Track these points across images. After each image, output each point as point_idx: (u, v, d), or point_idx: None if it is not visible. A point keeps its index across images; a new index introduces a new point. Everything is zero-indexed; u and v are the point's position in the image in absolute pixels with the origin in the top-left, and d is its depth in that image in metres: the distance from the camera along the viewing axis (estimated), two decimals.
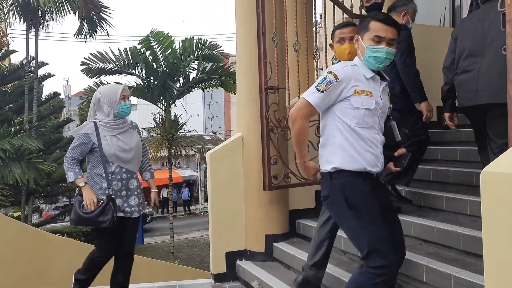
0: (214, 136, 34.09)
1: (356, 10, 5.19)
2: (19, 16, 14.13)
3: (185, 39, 14.56)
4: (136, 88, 14.74)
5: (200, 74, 14.77)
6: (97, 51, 14.02)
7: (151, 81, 14.46)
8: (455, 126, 3.90)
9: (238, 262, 4.83)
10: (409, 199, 4.27)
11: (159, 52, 14.31)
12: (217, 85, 15.43)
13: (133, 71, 14.37)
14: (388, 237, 2.61)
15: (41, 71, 15.73)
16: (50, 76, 16.48)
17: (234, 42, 5.06)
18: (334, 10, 5.02)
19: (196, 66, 14.77)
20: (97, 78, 14.42)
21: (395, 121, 2.95)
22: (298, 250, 4.46)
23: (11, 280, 6.75)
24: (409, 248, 3.64)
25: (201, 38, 14.43)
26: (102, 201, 3.76)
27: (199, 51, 14.36)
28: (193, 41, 14.36)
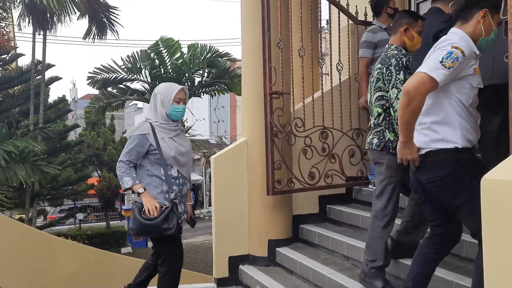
0: (220, 141, 34.11)
1: (361, 17, 5.22)
2: (28, 19, 14.21)
3: (191, 44, 14.63)
4: (141, 92, 14.82)
5: (205, 78, 14.82)
6: (101, 65, 14.13)
7: (156, 85, 14.51)
8: None
9: (241, 267, 4.83)
10: None
11: (167, 57, 14.38)
12: (222, 91, 15.45)
13: (139, 77, 14.43)
14: None
15: (48, 73, 15.79)
16: (57, 79, 16.49)
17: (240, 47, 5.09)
18: (339, 17, 5.05)
19: (201, 72, 14.81)
20: (102, 90, 14.54)
21: None
22: (301, 255, 4.46)
23: (15, 282, 6.78)
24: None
25: (205, 45, 14.53)
26: (165, 206, 3.53)
27: (205, 56, 14.41)
28: (198, 48, 14.44)
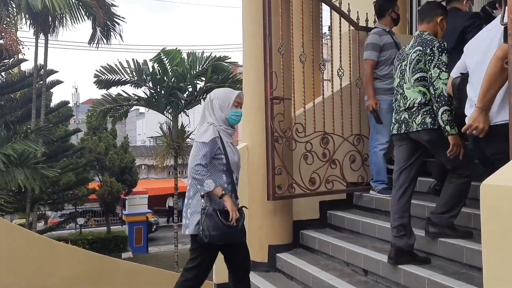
0: None
1: (362, 23, 5.23)
2: (30, 22, 14.24)
3: (190, 52, 14.74)
4: (143, 97, 14.86)
5: (207, 83, 14.85)
6: (107, 64, 14.18)
7: (158, 90, 14.56)
8: None
9: None
10: None
11: (168, 65, 14.45)
12: None
13: (141, 82, 14.48)
14: None
15: (51, 78, 15.82)
16: (58, 83, 16.50)
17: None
18: (340, 22, 5.06)
19: (204, 77, 14.86)
20: (106, 89, 14.59)
21: None
22: (301, 261, 4.45)
23: (15, 286, 6.77)
24: None
25: (204, 53, 14.63)
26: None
27: (206, 62, 14.49)
28: (198, 55, 14.57)
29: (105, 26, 15.38)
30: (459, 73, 3.58)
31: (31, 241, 7.35)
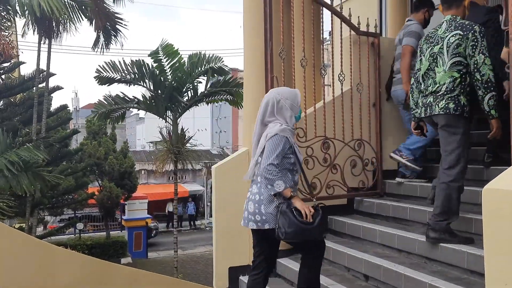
0: (222, 151, 34.12)
1: (363, 28, 5.23)
2: (33, 28, 14.25)
3: (192, 54, 14.67)
4: (143, 101, 14.83)
5: (208, 87, 14.83)
6: (111, 60, 14.17)
7: (159, 93, 14.52)
8: None
9: (241, 278, 4.81)
10: None
11: (167, 65, 14.39)
12: (224, 100, 15.46)
13: (141, 83, 14.46)
14: None
15: (49, 81, 15.82)
16: (59, 88, 16.53)
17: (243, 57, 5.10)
18: (341, 27, 5.07)
19: (204, 80, 14.82)
20: (108, 85, 14.57)
21: None
22: None
23: None
24: (413, 266, 3.63)
25: (205, 54, 14.56)
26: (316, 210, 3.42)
27: (206, 65, 14.43)
28: (200, 56, 14.47)
29: (107, 31, 15.40)
30: None
31: (31, 246, 7.30)
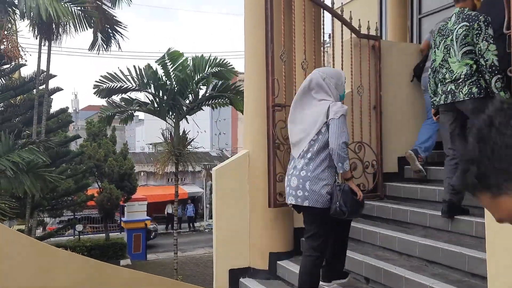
0: (221, 153, 34.11)
1: (364, 30, 5.24)
2: (33, 30, 14.26)
3: (195, 56, 14.67)
4: (145, 103, 14.84)
5: (210, 91, 14.84)
6: (107, 72, 14.16)
7: (160, 96, 14.54)
8: None
9: (241, 280, 4.80)
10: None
11: (171, 70, 14.42)
12: (226, 104, 15.48)
13: (143, 88, 14.47)
14: None
15: (50, 83, 15.83)
16: (59, 90, 16.54)
17: (243, 60, 5.10)
18: (342, 30, 5.07)
19: (206, 84, 14.83)
20: (108, 98, 14.58)
21: None
22: None
23: None
24: (414, 268, 3.63)
25: (209, 57, 14.56)
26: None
27: (209, 68, 14.44)
28: (203, 59, 14.47)
29: (106, 33, 15.40)
30: None
31: (30, 247, 7.30)
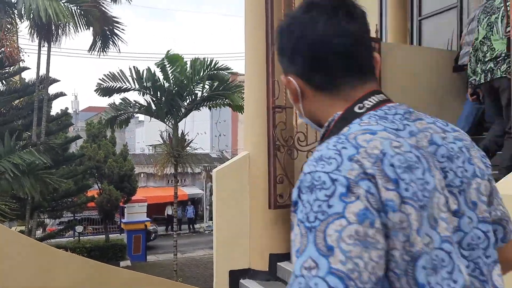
0: (221, 155, 34.08)
1: None
2: (33, 31, 14.27)
3: (194, 59, 14.70)
4: (144, 105, 14.86)
5: (207, 92, 14.86)
6: (110, 72, 14.19)
7: (159, 98, 14.55)
8: None
9: (241, 281, 4.80)
10: None
11: (170, 72, 14.44)
12: (224, 104, 15.49)
13: (142, 89, 14.49)
14: None
15: (51, 87, 15.87)
16: (62, 95, 16.60)
17: (243, 61, 5.11)
18: None
19: (203, 85, 14.85)
20: (108, 97, 14.64)
21: None
22: None
23: None
24: None
25: (205, 59, 14.59)
26: None
27: (206, 70, 14.46)
28: (201, 61, 14.50)
29: (105, 34, 15.42)
30: None
31: (31, 248, 7.32)
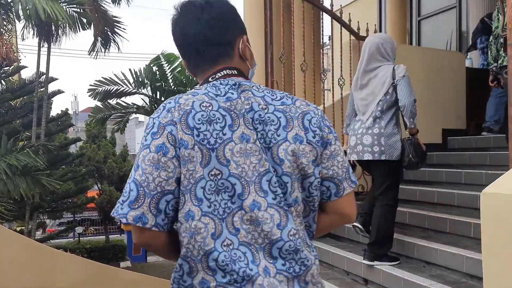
0: None
1: (363, 32, 5.26)
2: (32, 31, 14.27)
3: None
4: (143, 106, 14.86)
5: None
6: (102, 77, 14.16)
7: (158, 98, 14.54)
8: None
9: None
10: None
11: (168, 71, 14.43)
12: None
13: (140, 91, 14.48)
14: None
15: (50, 86, 15.82)
16: (60, 92, 16.52)
17: None
18: (341, 32, 5.10)
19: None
20: (104, 101, 14.60)
21: None
22: None
23: None
24: (412, 269, 3.64)
25: None
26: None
27: None
28: None
29: (105, 35, 15.41)
30: None
31: (31, 249, 7.31)
